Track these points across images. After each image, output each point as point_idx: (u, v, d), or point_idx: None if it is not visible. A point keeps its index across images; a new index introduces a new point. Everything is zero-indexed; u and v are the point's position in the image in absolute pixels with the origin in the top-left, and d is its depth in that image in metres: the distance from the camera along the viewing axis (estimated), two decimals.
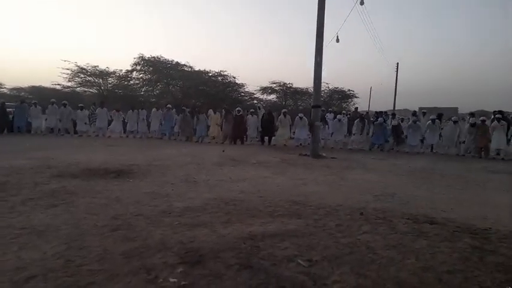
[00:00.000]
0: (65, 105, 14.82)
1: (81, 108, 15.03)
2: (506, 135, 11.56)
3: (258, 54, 64.40)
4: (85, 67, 25.41)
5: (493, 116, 12.45)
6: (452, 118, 12.90)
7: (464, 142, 12.03)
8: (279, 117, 13.88)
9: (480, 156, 11.57)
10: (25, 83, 26.83)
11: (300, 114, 14.04)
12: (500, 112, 12.53)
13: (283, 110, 14.51)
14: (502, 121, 11.53)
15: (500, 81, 57.39)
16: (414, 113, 14.80)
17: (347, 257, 2.65)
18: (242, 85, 28.97)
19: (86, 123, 15.10)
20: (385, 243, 3.00)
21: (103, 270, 2.31)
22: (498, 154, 11.54)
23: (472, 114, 12.93)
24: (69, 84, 25.76)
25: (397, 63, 33.57)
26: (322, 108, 13.06)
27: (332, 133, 13.85)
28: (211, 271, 2.33)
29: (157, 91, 27.69)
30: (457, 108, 29.30)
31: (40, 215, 3.56)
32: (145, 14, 65.88)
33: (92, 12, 63.28)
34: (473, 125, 11.69)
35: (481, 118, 12.10)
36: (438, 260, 2.64)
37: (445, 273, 2.41)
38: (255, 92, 29.99)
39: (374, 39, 39.78)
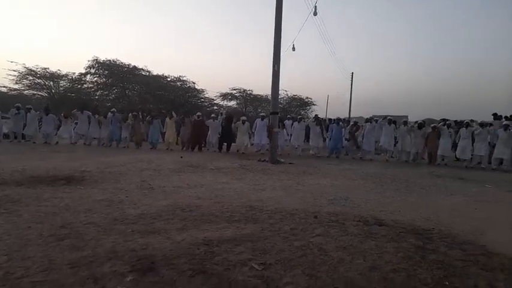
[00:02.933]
0: (18, 108, 13.82)
1: (29, 110, 14.03)
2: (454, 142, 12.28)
3: (218, 61, 64.39)
4: (34, 69, 24.09)
5: (439, 124, 13.25)
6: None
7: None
8: (237, 123, 13.77)
9: (429, 162, 12.30)
10: None
11: (260, 114, 13.94)
12: (444, 120, 13.42)
13: (242, 118, 14.33)
14: (450, 128, 12.30)
15: (448, 92, 61.59)
16: (368, 120, 15.43)
17: (299, 260, 2.72)
18: (202, 91, 28.89)
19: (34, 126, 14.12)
20: (336, 244, 3.11)
21: (47, 282, 2.20)
22: (443, 160, 12.31)
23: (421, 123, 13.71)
24: (16, 86, 24.27)
25: (352, 72, 35.01)
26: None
27: (290, 138, 14.07)
28: (163, 278, 2.29)
29: (113, 95, 26.81)
30: (407, 116, 30.86)
31: None
32: (100, 15, 63.72)
33: (44, 11, 60.15)
34: (420, 126, 12.44)
35: (432, 125, 12.89)
36: (384, 260, 2.78)
37: (390, 272, 2.54)
38: (215, 98, 30.01)
39: (330, 49, 41.23)
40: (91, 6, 63.40)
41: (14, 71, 23.67)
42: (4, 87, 24.27)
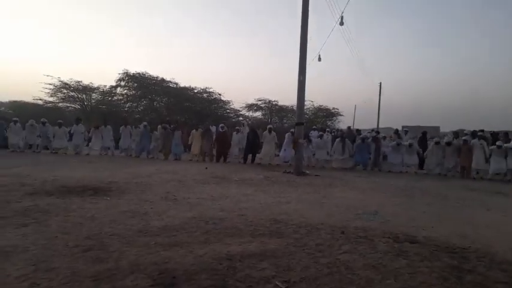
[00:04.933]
0: (43, 123, 14.48)
1: (60, 125, 14.63)
2: (485, 154, 11.61)
3: (245, 72, 65.00)
4: (68, 82, 25.07)
5: (472, 136, 12.67)
6: (435, 139, 12.80)
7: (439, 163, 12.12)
8: (264, 133, 13.70)
9: (462, 176, 11.72)
10: (5, 98, 26.39)
11: (291, 130, 13.64)
12: (481, 131, 12.79)
13: (269, 126, 14.27)
14: (481, 140, 11.70)
15: (481, 101, 59.25)
16: (396, 131, 14.94)
17: (326, 278, 2.59)
18: (228, 102, 29.09)
19: (63, 139, 14.63)
20: (365, 262, 2.96)
21: None
22: (477, 173, 11.71)
23: (456, 134, 13.16)
24: (51, 99, 25.30)
25: (380, 82, 34.40)
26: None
27: (314, 152, 13.68)
28: None
29: (142, 107, 27.43)
30: (438, 127, 29.94)
31: (8, 234, 3.39)
32: (129, 29, 65.99)
33: (76, 26, 63.00)
34: (448, 144, 11.87)
35: (464, 138, 12.30)
36: (417, 281, 2.61)
37: None
38: (240, 109, 30.11)
39: (357, 58, 40.73)
40: (117, 20, 65.91)
41: (50, 84, 24.75)
42: (40, 99, 25.33)
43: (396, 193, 7.32)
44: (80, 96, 26.08)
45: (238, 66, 65.05)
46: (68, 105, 26.49)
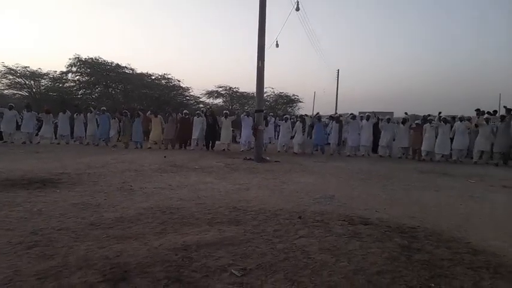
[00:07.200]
0: None
1: (10, 108, 13.59)
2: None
3: (204, 58, 63.76)
4: (14, 68, 23.39)
5: (423, 120, 13.34)
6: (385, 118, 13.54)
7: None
8: (221, 118, 13.67)
9: (413, 158, 12.37)
10: None
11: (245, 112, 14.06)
12: (429, 115, 13.48)
13: (224, 111, 14.38)
14: (432, 123, 12.35)
15: (432, 88, 62.30)
16: (353, 117, 15.39)
17: (282, 264, 2.61)
18: (187, 89, 28.56)
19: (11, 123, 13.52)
20: (320, 246, 3.01)
21: None
22: (427, 155, 12.38)
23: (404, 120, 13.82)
24: None
25: (338, 69, 35.16)
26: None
27: (269, 137, 14.10)
28: None
29: (96, 94, 26.23)
30: (392, 112, 31.18)
31: None
32: (81, 13, 62.23)
33: (22, 10, 58.46)
34: (403, 122, 12.55)
35: (416, 121, 12.95)
36: (369, 261, 2.70)
37: (375, 275, 2.45)
38: (200, 96, 29.70)
39: (315, 45, 41.12)
40: (72, 3, 61.93)
41: None
42: None
43: (352, 177, 7.55)
44: (27, 82, 24.46)
45: (198, 53, 63.74)
46: (15, 92, 24.82)
